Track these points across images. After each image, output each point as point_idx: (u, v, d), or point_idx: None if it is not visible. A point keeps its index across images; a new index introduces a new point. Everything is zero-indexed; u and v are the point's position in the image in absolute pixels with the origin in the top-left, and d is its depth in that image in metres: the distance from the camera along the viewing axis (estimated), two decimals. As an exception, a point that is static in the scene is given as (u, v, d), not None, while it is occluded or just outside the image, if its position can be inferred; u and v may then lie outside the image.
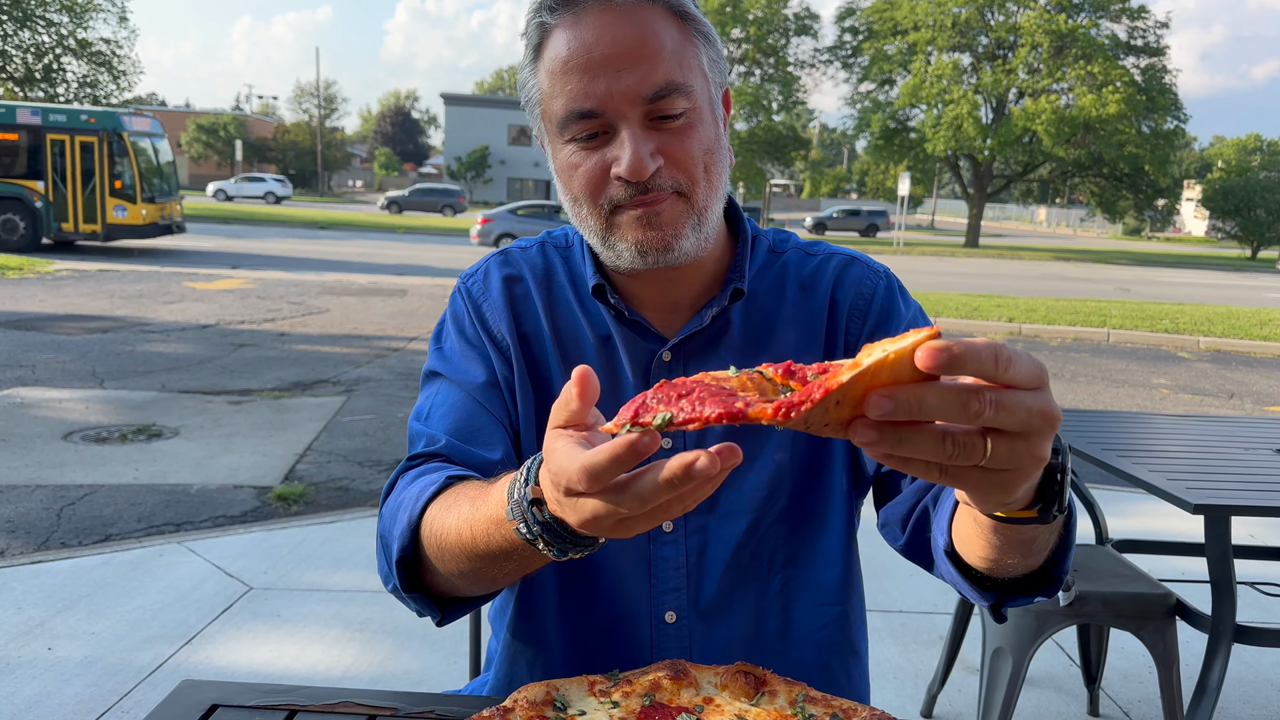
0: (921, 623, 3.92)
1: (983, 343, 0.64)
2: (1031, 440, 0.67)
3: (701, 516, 1.27)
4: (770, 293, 1.32)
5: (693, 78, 1.16)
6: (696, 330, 1.26)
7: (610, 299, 1.27)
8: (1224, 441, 3.02)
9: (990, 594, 1.04)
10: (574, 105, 1.13)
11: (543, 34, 1.17)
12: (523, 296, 1.35)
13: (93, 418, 6.86)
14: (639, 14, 1.12)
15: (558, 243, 1.40)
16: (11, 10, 30.69)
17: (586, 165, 1.16)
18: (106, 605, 3.84)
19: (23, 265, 15.53)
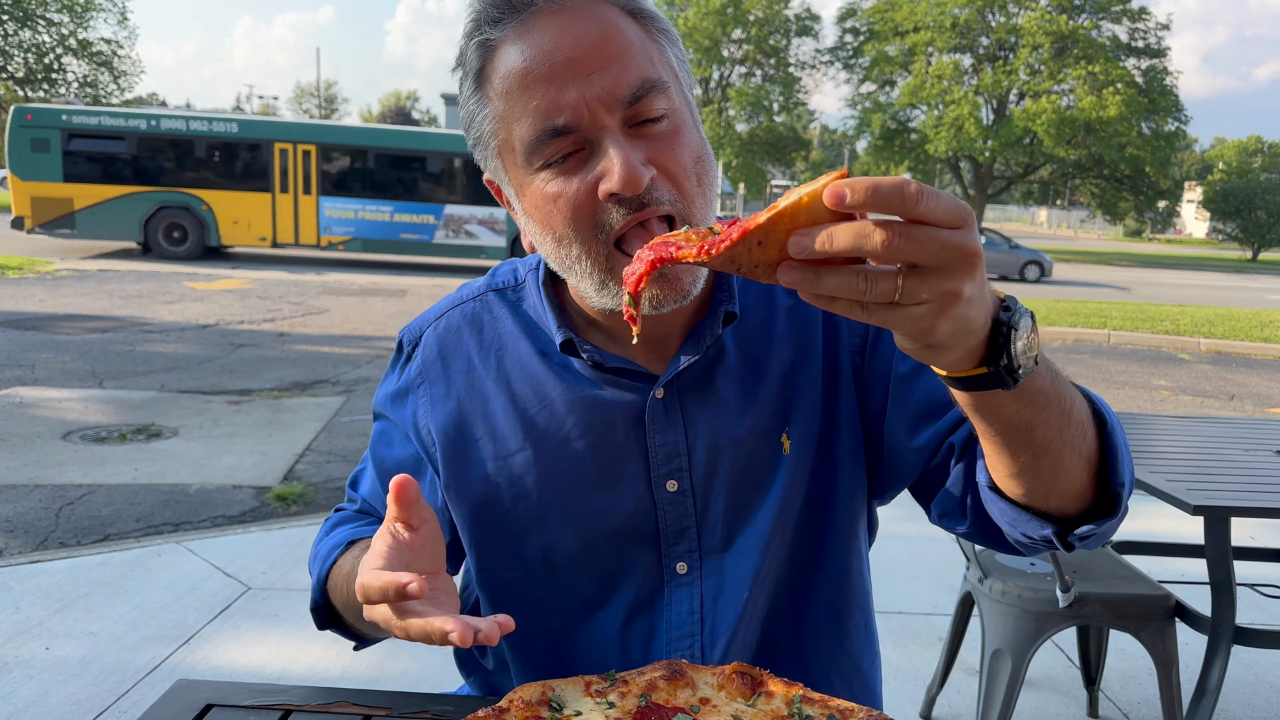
0: (920, 624, 3.92)
1: (891, 179, 0.66)
2: (945, 275, 0.68)
3: (716, 557, 1.19)
4: (759, 305, 1.22)
5: (666, 75, 1.05)
6: (690, 362, 1.15)
7: (584, 352, 1.16)
8: (1224, 443, 3.02)
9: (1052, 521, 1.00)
10: (544, 122, 0.99)
11: (485, 54, 1.03)
12: (465, 370, 1.23)
13: (92, 417, 6.86)
14: (593, 12, 1.01)
15: (505, 284, 1.28)
16: (13, 10, 30.70)
17: (569, 191, 1.01)
18: (105, 605, 3.83)
19: (22, 264, 15.53)
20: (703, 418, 1.17)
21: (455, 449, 1.21)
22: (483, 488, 1.20)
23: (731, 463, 1.17)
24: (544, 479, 1.18)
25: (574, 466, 1.18)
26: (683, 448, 1.17)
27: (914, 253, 0.66)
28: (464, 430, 1.21)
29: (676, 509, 1.18)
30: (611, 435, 1.18)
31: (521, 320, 1.23)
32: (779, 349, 1.20)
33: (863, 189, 0.64)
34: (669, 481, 1.18)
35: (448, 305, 1.29)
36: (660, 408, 1.17)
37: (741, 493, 1.18)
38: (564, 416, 1.18)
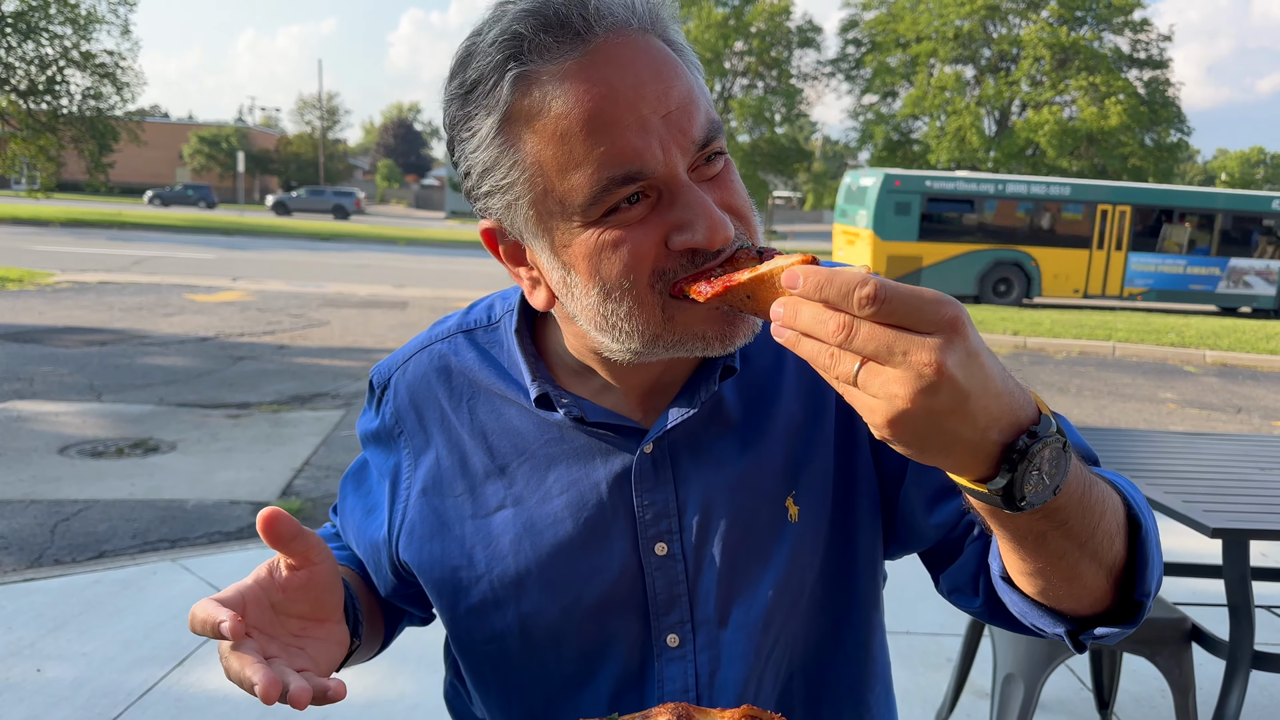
0: (929, 644, 3.85)
1: (847, 274, 0.67)
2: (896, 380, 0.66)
3: (711, 628, 1.07)
4: (765, 353, 1.10)
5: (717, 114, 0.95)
6: (683, 417, 1.04)
7: (560, 405, 1.05)
8: (1238, 461, 2.95)
9: (1065, 620, 0.93)
10: (613, 170, 0.85)
11: (522, 88, 0.87)
12: (438, 422, 1.13)
13: (89, 431, 6.80)
14: (654, 43, 0.89)
15: (478, 324, 1.17)
16: (15, 23, 30.76)
17: (632, 239, 0.88)
18: (98, 625, 3.77)
19: (23, 277, 15.50)
20: (696, 476, 1.07)
21: (433, 510, 1.11)
22: (458, 551, 1.10)
23: (728, 527, 1.06)
24: (522, 540, 1.08)
25: (554, 527, 1.07)
26: (673, 508, 1.06)
27: (864, 348, 0.67)
28: (442, 488, 1.11)
29: (666, 575, 1.07)
30: (595, 493, 1.06)
31: (491, 364, 1.13)
32: (786, 404, 1.09)
33: (812, 283, 0.68)
34: (658, 544, 1.06)
35: (415, 347, 1.19)
36: (649, 464, 1.06)
37: (739, 560, 1.07)
38: (544, 471, 1.08)
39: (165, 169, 70.68)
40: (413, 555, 1.12)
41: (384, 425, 1.18)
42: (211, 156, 68.50)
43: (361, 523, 1.21)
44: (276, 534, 0.90)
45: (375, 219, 55.28)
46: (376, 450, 1.20)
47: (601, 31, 0.86)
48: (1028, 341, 13.72)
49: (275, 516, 0.89)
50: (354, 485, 1.26)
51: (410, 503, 1.13)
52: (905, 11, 40.43)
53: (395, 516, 1.14)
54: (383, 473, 1.18)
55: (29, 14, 30.99)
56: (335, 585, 0.97)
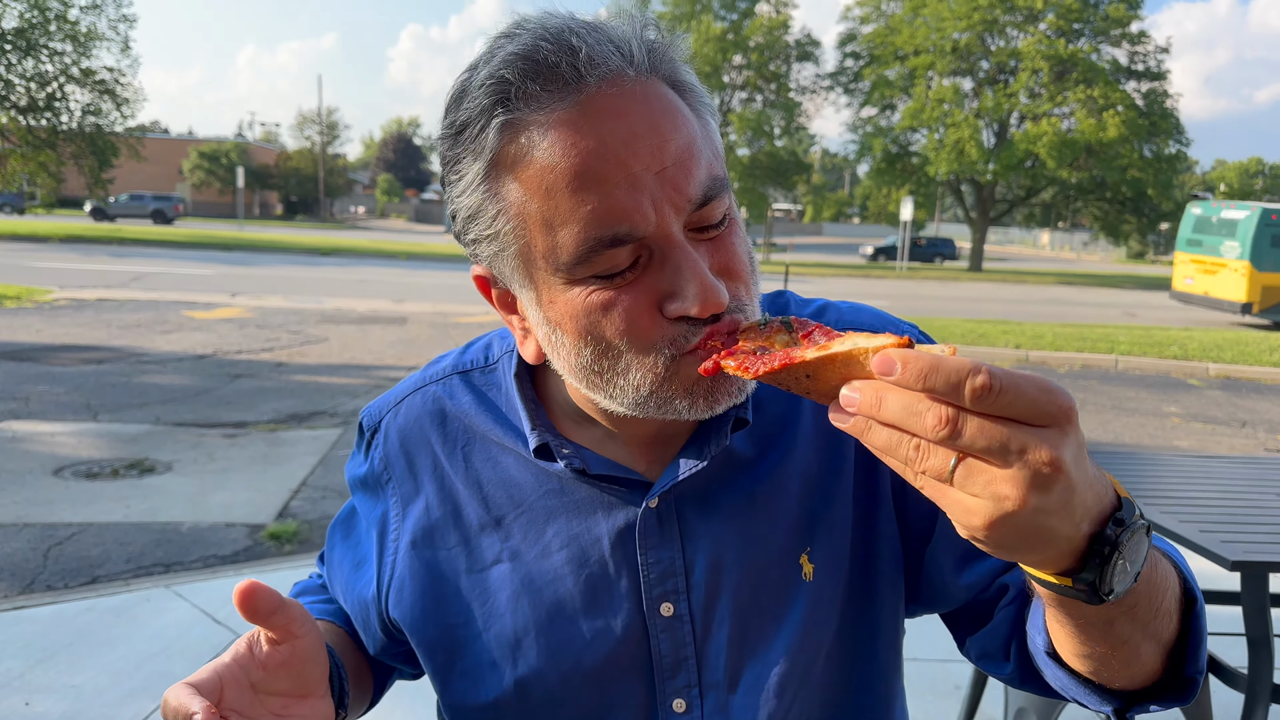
0: (936, 671, 3.77)
1: (956, 362, 0.59)
2: (1008, 480, 0.60)
3: (720, 693, 1.00)
4: (780, 398, 1.03)
5: (724, 166, 0.88)
6: (691, 471, 0.97)
7: (561, 456, 0.99)
8: (1253, 487, 2.89)
9: (1112, 698, 0.87)
10: (601, 230, 0.80)
11: (509, 136, 0.82)
12: (430, 470, 1.07)
13: (85, 452, 6.74)
14: (654, 91, 0.83)
15: (475, 364, 1.11)
16: (16, 40, 30.82)
17: (624, 303, 0.83)
18: (88, 655, 3.70)
19: (21, 294, 15.46)
20: (704, 532, 0.99)
21: (424, 563, 1.05)
22: (451, 608, 1.04)
23: (738, 586, 0.99)
24: (520, 597, 1.01)
25: (554, 584, 1.00)
26: (679, 566, 0.99)
27: (976, 450, 0.60)
28: (434, 540, 1.05)
29: (673, 637, 1.00)
30: (597, 549, 1.00)
31: (489, 409, 1.06)
32: (802, 455, 1.02)
33: (916, 370, 0.59)
34: (663, 604, 0.99)
35: (409, 388, 1.13)
36: (654, 519, 0.99)
37: (751, 621, 1.00)
38: (543, 524, 1.01)
39: (165, 184, 70.79)
40: (403, 613, 1.05)
41: (372, 471, 1.11)
42: (211, 172, 68.64)
43: (350, 577, 1.14)
44: (255, 609, 0.82)
45: (375, 233, 55.32)
46: (364, 497, 1.14)
47: (593, 81, 0.80)
48: (1030, 355, 13.65)
49: (253, 590, 0.82)
50: (342, 535, 1.19)
51: (399, 556, 1.06)
52: (903, 25, 40.55)
53: (384, 571, 1.07)
54: (370, 522, 1.12)
55: (29, 31, 31.05)
56: (319, 657, 0.90)
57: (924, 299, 25.19)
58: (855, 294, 25.57)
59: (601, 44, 0.81)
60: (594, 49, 0.80)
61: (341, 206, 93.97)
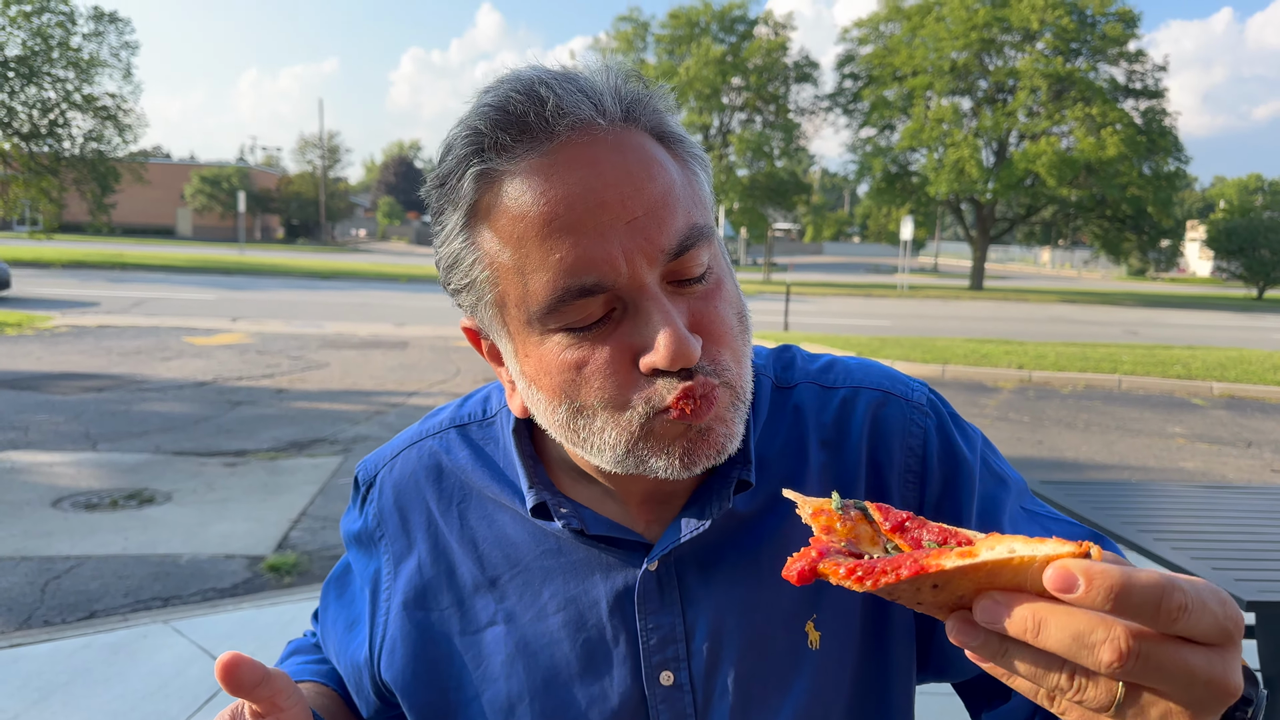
0: (948, 703, 3.71)
1: (1147, 577, 0.51)
2: (1183, 708, 0.53)
3: None
4: (786, 458, 0.99)
5: (708, 217, 0.86)
6: (691, 534, 0.94)
7: (559, 515, 0.95)
8: (1263, 519, 2.85)
9: None
10: (570, 280, 0.79)
11: (485, 186, 0.82)
12: (423, 526, 1.04)
13: (84, 483, 6.70)
14: (630, 140, 0.82)
15: (472, 418, 1.08)
16: (18, 68, 31.00)
17: (597, 361, 0.82)
18: (85, 695, 3.65)
19: (21, 321, 15.45)
20: (705, 596, 0.95)
21: (415, 624, 1.01)
22: (444, 671, 1.00)
23: (741, 653, 0.95)
24: (515, 661, 0.98)
25: (550, 649, 0.97)
26: (679, 632, 0.95)
27: (1149, 678, 0.52)
28: (426, 600, 1.01)
29: (673, 708, 0.95)
30: (595, 613, 0.97)
31: (486, 465, 1.03)
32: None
33: (1103, 588, 0.50)
34: (663, 673, 0.95)
35: (405, 443, 1.10)
36: (653, 583, 0.95)
37: (754, 690, 0.96)
38: (539, 586, 0.98)
39: (167, 209, 71.04)
40: (394, 675, 1.02)
41: (366, 527, 1.08)
42: (213, 196, 68.89)
43: (343, 638, 1.11)
44: (239, 682, 0.80)
45: (376, 255, 55.44)
46: (359, 554, 1.10)
47: (562, 130, 0.79)
48: (1033, 375, 13.61)
49: (236, 663, 0.79)
50: (336, 593, 1.16)
51: (391, 616, 1.03)
52: (901, 46, 40.76)
53: (376, 631, 1.04)
54: (364, 580, 1.09)
55: (32, 58, 31.25)
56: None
57: (925, 318, 25.17)
58: (856, 312, 25.59)
59: (571, 94, 0.80)
60: (563, 99, 0.79)
61: (343, 230, 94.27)
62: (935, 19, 39.83)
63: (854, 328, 22.09)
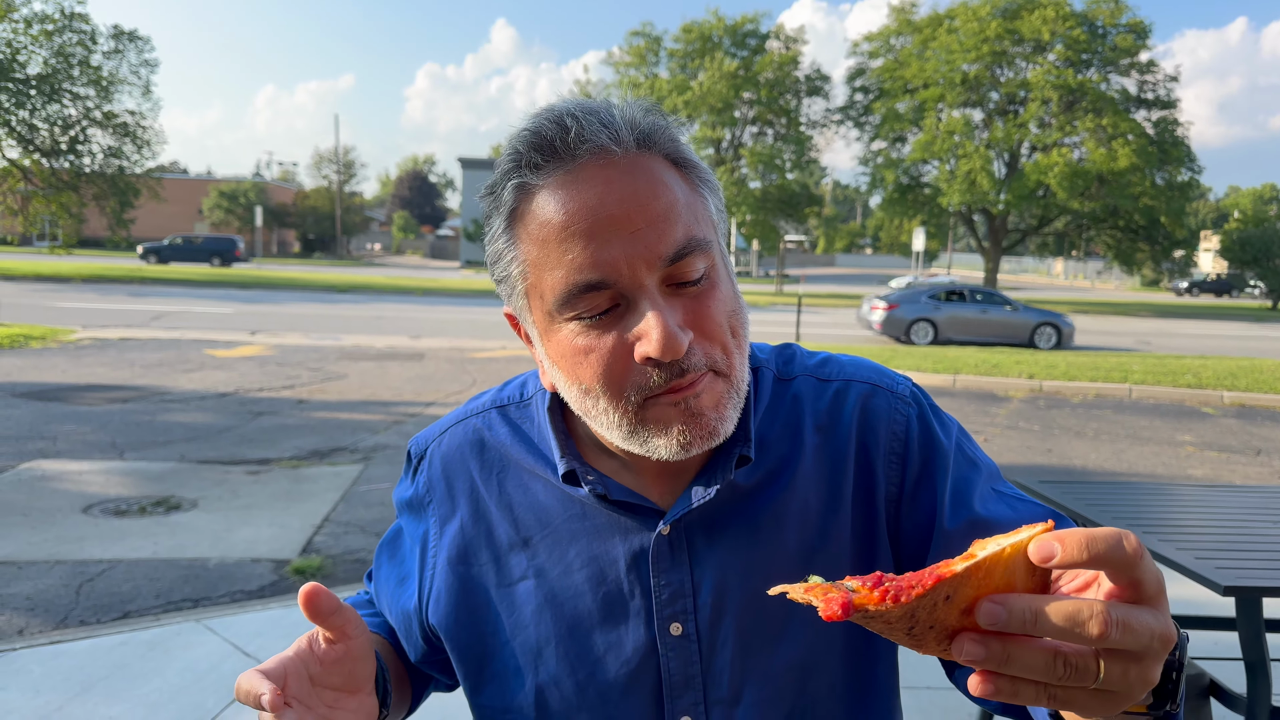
0: (950, 700, 3.84)
1: (1100, 530, 0.61)
2: (1146, 662, 0.64)
3: (724, 708, 1.10)
4: (784, 439, 1.13)
5: (709, 232, 1.01)
6: (699, 502, 1.08)
7: (585, 482, 1.10)
8: (1252, 514, 2.97)
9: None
10: (580, 277, 0.95)
11: (522, 196, 0.99)
12: (467, 493, 1.19)
13: (112, 490, 6.88)
14: (642, 164, 0.97)
15: (511, 400, 1.24)
16: (40, 86, 31.45)
17: (601, 348, 0.97)
18: (124, 688, 3.81)
19: (45, 334, 15.72)
20: (710, 558, 1.10)
21: (458, 577, 1.17)
22: (482, 618, 1.16)
23: (741, 608, 1.10)
24: (543, 610, 1.13)
25: (574, 599, 1.12)
26: (688, 589, 1.10)
27: (1127, 642, 0.61)
28: (468, 556, 1.17)
29: (681, 655, 1.10)
30: (614, 570, 1.11)
31: (523, 440, 1.19)
32: (802, 492, 1.11)
33: (1075, 545, 0.60)
34: (673, 624, 1.10)
35: (453, 420, 1.26)
36: (665, 545, 1.09)
37: (753, 642, 1.10)
38: (566, 545, 1.13)
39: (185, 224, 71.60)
40: (440, 620, 1.17)
41: (417, 494, 1.24)
42: (230, 211, 69.46)
43: (394, 591, 1.26)
44: (317, 609, 0.94)
45: (391, 269, 55.78)
46: (410, 518, 1.26)
47: (583, 154, 0.95)
48: (1043, 385, 13.70)
49: (316, 592, 0.93)
50: (389, 554, 1.31)
51: (437, 570, 1.18)
52: (912, 58, 40.85)
53: (424, 584, 1.20)
54: (414, 540, 1.24)
55: (53, 76, 31.70)
56: (368, 658, 1.01)
57: (938, 329, 25.19)
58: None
59: (592, 124, 0.96)
60: (585, 129, 0.96)
61: (358, 244, 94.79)
62: (946, 31, 39.94)
63: (865, 338, 22.18)
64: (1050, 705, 0.65)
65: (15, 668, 3.96)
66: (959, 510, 1.09)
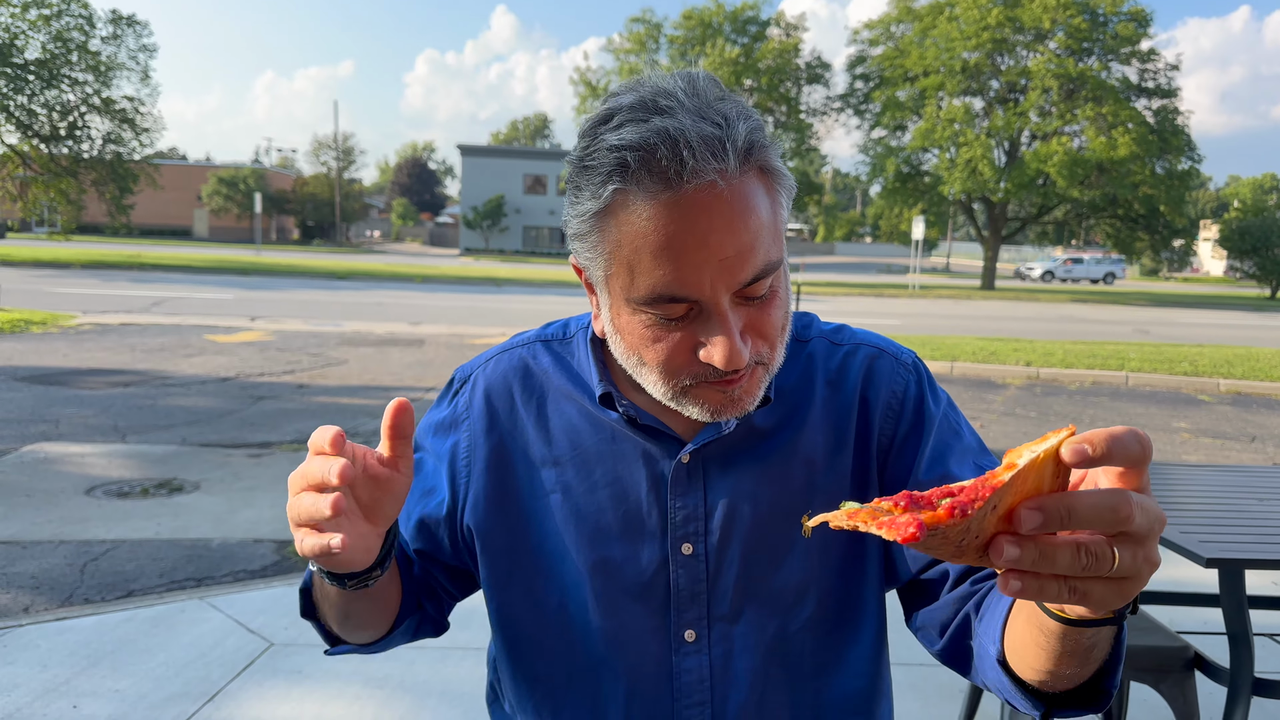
0: (944, 676, 3.91)
1: (1122, 429, 0.66)
2: (1148, 544, 0.69)
3: (725, 624, 1.21)
4: (797, 390, 1.25)
5: (780, 247, 1.07)
6: (718, 435, 1.20)
7: (620, 405, 1.21)
8: (1238, 492, 3.03)
9: (1039, 703, 1.01)
10: (665, 290, 1.02)
11: (620, 199, 1.01)
12: (508, 413, 1.29)
13: (115, 472, 6.94)
14: (740, 191, 1.01)
15: (554, 336, 1.34)
16: (39, 71, 31.39)
17: (669, 341, 1.06)
18: (130, 662, 3.87)
19: (46, 319, 15.75)
20: (723, 486, 1.21)
21: (494, 484, 1.26)
22: (516, 524, 1.25)
23: (748, 533, 1.20)
24: (569, 522, 1.23)
25: (597, 514, 1.23)
26: (701, 512, 1.21)
27: (1141, 523, 0.67)
28: (503, 467, 1.27)
29: (689, 572, 1.21)
30: (636, 490, 1.22)
31: (564, 370, 1.29)
32: (810, 434, 1.23)
33: (1102, 441, 0.64)
34: (684, 544, 1.21)
35: (499, 350, 1.36)
36: (684, 471, 1.21)
37: (755, 565, 1.21)
38: (594, 465, 1.23)
39: (184, 210, 71.54)
40: (477, 522, 1.26)
41: (454, 413, 1.32)
42: (229, 198, 69.35)
43: (417, 502, 1.32)
44: (398, 426, 0.99)
45: (390, 256, 55.76)
46: (436, 439, 1.33)
47: (690, 187, 0.98)
48: (1040, 372, 13.75)
49: (406, 409, 0.99)
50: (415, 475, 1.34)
51: (473, 477, 1.27)
52: (912, 46, 40.77)
53: (460, 490, 1.28)
54: (440, 457, 1.32)
55: (51, 61, 31.64)
56: (397, 505, 1.04)
57: (936, 317, 25.27)
58: (868, 312, 25.69)
59: (705, 157, 0.98)
60: (699, 162, 0.98)
61: (357, 231, 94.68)
62: (947, 19, 39.84)
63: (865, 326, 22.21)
64: (1071, 599, 0.70)
65: (23, 643, 4.02)
66: (934, 466, 1.21)
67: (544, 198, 68.92)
